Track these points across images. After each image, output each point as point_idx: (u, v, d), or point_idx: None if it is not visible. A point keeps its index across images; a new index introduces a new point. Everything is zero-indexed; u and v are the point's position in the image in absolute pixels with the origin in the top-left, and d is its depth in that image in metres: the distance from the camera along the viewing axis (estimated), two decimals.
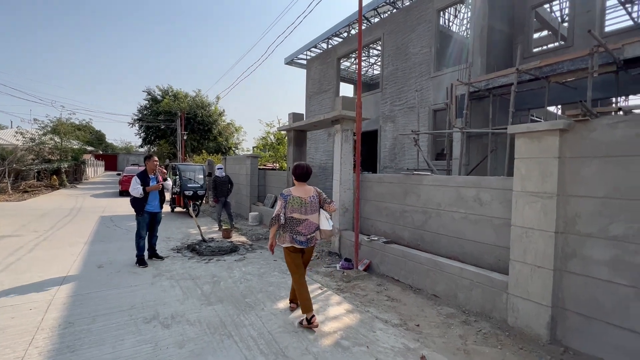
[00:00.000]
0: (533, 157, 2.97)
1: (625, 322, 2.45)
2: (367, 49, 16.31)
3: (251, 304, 3.56)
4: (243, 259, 5.43)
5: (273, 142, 23.13)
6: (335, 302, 3.65)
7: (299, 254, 3.17)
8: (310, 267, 5.12)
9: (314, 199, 3.20)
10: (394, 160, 11.20)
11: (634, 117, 2.46)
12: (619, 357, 2.47)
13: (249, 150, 33.47)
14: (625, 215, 2.46)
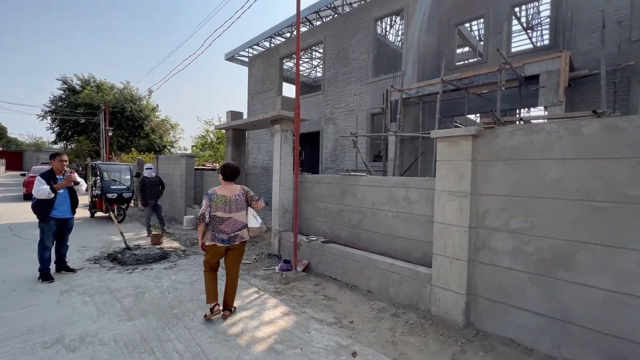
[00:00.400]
0: (451, 160, 3.27)
1: (523, 303, 2.83)
2: (309, 51, 16.48)
3: (179, 315, 3.30)
4: (174, 266, 5.03)
5: (213, 141, 22.03)
6: (272, 306, 3.58)
7: (220, 253, 3.21)
8: (249, 270, 4.97)
9: (239, 197, 3.25)
10: (335, 161, 11.48)
11: (528, 127, 2.86)
12: (520, 333, 2.84)
13: (187, 149, 31.42)
14: (522, 210, 2.85)
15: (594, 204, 2.48)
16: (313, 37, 12.90)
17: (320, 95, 12.44)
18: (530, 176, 2.81)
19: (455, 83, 7.12)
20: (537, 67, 6.03)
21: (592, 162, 2.49)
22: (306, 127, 12.83)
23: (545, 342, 2.70)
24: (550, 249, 2.69)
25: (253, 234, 3.31)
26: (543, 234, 2.73)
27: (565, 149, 2.62)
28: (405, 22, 9.59)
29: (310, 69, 18.89)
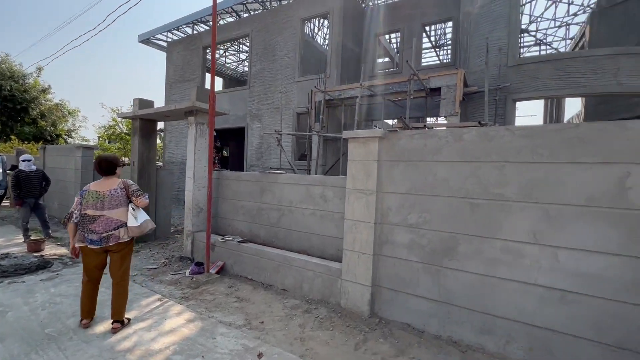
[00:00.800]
0: (360, 160, 3.45)
1: (417, 291, 3.14)
2: (236, 43, 15.82)
3: (54, 334, 2.77)
4: (55, 276, 4.24)
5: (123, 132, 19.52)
6: (175, 313, 3.28)
7: (96, 257, 2.88)
8: (154, 276, 4.49)
9: (116, 192, 2.91)
10: (261, 159, 11.25)
11: (424, 132, 3.18)
12: (414, 318, 3.14)
13: (91, 140, 27.18)
14: (418, 207, 3.16)
15: (472, 200, 2.87)
16: (239, 29, 12.40)
17: (247, 90, 12.04)
18: (425, 176, 3.13)
19: (373, 89, 7.62)
20: (439, 81, 6.84)
21: (470, 165, 2.89)
22: (231, 122, 12.29)
23: (434, 324, 3.04)
24: (439, 241, 3.04)
25: (132, 234, 2.93)
26: (434, 227, 3.06)
27: (451, 153, 2.99)
28: (330, 27, 9.90)
29: (237, 62, 18.14)
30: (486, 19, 7.40)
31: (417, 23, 10.02)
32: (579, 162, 2.44)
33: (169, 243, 6.30)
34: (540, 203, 2.58)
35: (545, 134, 2.58)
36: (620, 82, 6.01)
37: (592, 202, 2.40)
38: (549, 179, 2.55)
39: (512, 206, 2.69)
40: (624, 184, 2.29)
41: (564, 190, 2.49)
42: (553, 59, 6.71)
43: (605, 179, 2.35)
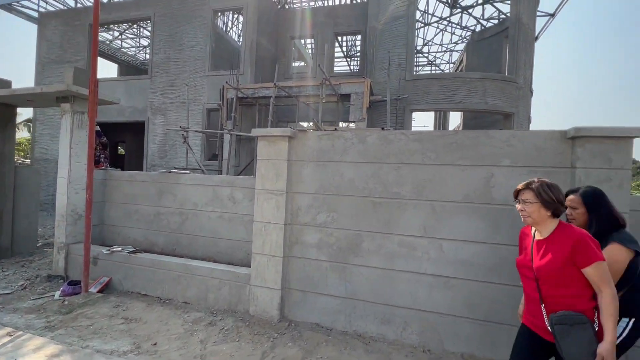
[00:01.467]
0: (270, 159, 3.34)
1: (326, 289, 3.18)
2: (137, 27, 13.95)
3: None
4: None
5: None
6: (32, 349, 2.58)
7: None
8: (5, 304, 3.50)
9: None
10: (165, 158, 10.10)
11: (332, 133, 3.26)
12: (323, 317, 3.17)
13: None
14: (326, 206, 3.21)
15: (374, 199, 3.05)
16: (139, 10, 10.93)
17: (147, 80, 10.67)
18: (332, 176, 3.20)
19: (287, 90, 7.61)
20: (349, 88, 7.25)
21: (373, 165, 3.07)
22: (127, 116, 10.72)
23: (341, 320, 3.12)
24: (345, 239, 3.14)
25: None
26: (341, 226, 3.15)
27: (356, 154, 3.13)
28: (245, 23, 9.55)
29: (137, 47, 15.99)
30: (388, 36, 8.20)
31: (330, 31, 10.48)
32: (458, 164, 2.83)
33: (34, 260, 5.06)
34: (429, 200, 2.89)
35: (432, 139, 2.92)
36: (487, 102, 7.40)
37: (467, 199, 2.80)
38: (435, 178, 2.88)
39: (408, 204, 2.95)
40: (489, 183, 2.74)
41: (447, 188, 2.85)
42: (440, 77, 7.84)
43: (476, 179, 2.78)
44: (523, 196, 1.69)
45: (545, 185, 1.64)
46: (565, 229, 1.60)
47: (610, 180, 2.43)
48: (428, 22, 11.84)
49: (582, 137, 2.48)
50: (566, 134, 2.57)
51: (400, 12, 7.97)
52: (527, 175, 2.64)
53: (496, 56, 10.50)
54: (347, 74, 11.66)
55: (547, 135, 2.62)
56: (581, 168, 2.49)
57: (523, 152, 2.67)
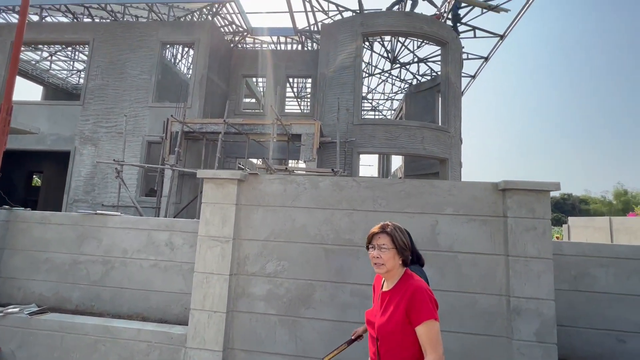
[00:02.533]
0: (217, 203, 3.11)
1: (273, 347, 2.90)
2: (71, 50, 12.93)
3: None
4: None
5: None
6: None
7: None
8: None
9: None
10: (91, 193, 8.97)
11: (284, 177, 3.19)
12: None
13: None
14: (276, 254, 3.03)
15: (326, 246, 2.98)
16: (76, 33, 10.19)
17: (79, 106, 9.69)
18: (284, 222, 3.07)
19: (237, 127, 7.50)
20: (300, 128, 7.40)
21: (325, 211, 3.03)
22: (49, 144, 9.49)
23: None
24: (296, 290, 2.96)
25: None
26: (292, 276, 2.98)
27: (309, 199, 3.07)
28: (195, 57, 9.44)
29: (69, 70, 14.67)
30: (337, 83, 8.75)
31: (283, 73, 10.86)
32: (406, 211, 2.93)
33: None
34: None
35: (383, 187, 3.01)
36: (425, 148, 8.13)
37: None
38: None
39: (360, 251, 2.93)
40: (435, 230, 2.87)
41: None
42: (384, 124, 8.49)
43: (423, 226, 2.89)
44: (379, 241, 1.50)
45: (399, 230, 1.51)
46: (407, 280, 1.43)
47: (535, 228, 2.70)
48: (372, 72, 13.01)
49: (510, 190, 2.76)
50: (497, 186, 2.84)
51: (347, 62, 8.64)
52: (467, 223, 2.83)
53: (430, 107, 11.81)
54: (298, 114, 12.01)
55: (482, 187, 2.88)
56: (511, 217, 2.74)
57: (463, 201, 2.87)
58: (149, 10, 10.55)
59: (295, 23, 9.81)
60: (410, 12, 8.91)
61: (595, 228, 11.51)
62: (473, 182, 2.95)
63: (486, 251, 2.79)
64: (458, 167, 9.00)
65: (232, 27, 10.67)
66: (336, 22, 9.49)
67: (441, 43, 9.14)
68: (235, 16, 10.03)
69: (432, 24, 8.90)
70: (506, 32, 9.67)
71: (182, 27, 9.79)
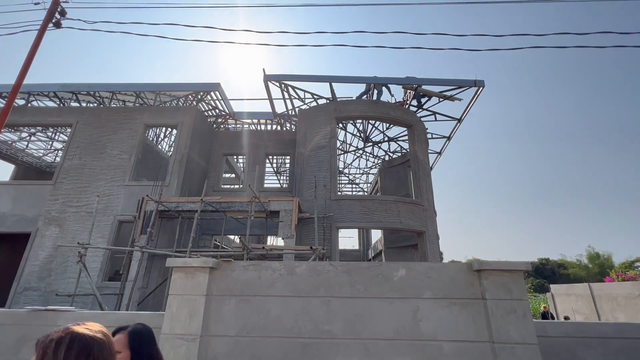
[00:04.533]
0: (185, 294, 2.90)
1: None
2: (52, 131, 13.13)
3: None
4: None
5: None
6: None
7: None
8: None
9: None
10: (46, 279, 8.14)
11: (258, 263, 3.08)
12: None
13: None
14: (249, 353, 2.74)
15: (303, 340, 2.74)
16: (60, 116, 10.51)
17: (49, 185, 9.42)
18: (258, 313, 2.86)
19: (215, 205, 7.45)
20: (278, 205, 7.45)
21: (302, 300, 2.87)
22: (7, 226, 8.89)
23: None
24: None
25: None
26: None
27: (284, 287, 2.93)
28: (177, 139, 9.82)
29: (46, 150, 14.65)
30: (314, 161, 9.22)
31: (262, 152, 11.37)
32: (386, 297, 2.83)
33: None
34: (362, 339, 2.71)
35: (360, 270, 2.95)
36: (401, 221, 8.30)
37: (398, 335, 2.71)
38: (366, 313, 2.79)
39: (340, 344, 2.71)
40: (417, 316, 2.75)
41: (378, 323, 2.75)
42: (360, 199, 8.76)
43: (404, 312, 2.77)
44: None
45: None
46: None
47: (515, 311, 2.66)
48: (347, 150, 13.90)
49: (485, 270, 2.79)
50: (472, 266, 2.87)
51: (323, 142, 9.26)
52: (447, 307, 2.76)
53: (403, 181, 12.45)
54: (277, 189, 12.21)
55: (457, 268, 2.89)
56: (490, 299, 2.71)
57: (441, 283, 2.84)
58: (136, 96, 11.23)
59: (274, 109, 10.70)
60: (377, 100, 10.04)
61: (577, 296, 11.49)
62: (448, 264, 2.97)
63: (470, 338, 2.67)
64: (435, 239, 9.12)
65: (215, 111, 11.45)
66: (312, 107, 10.45)
67: (407, 125, 10.14)
68: (219, 102, 10.85)
69: (397, 110, 10.00)
70: (462, 116, 10.95)
71: (167, 111, 10.38)
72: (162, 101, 11.36)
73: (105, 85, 10.34)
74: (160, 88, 10.23)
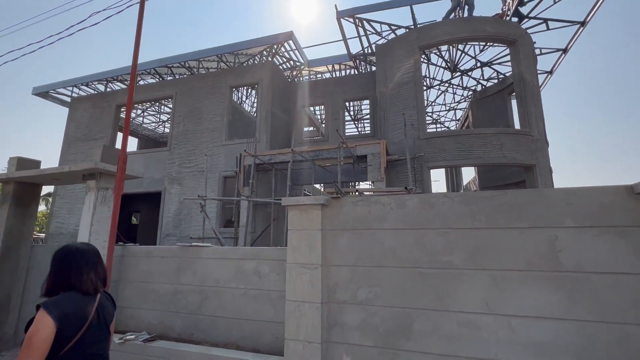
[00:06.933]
0: (302, 229, 3.12)
1: None
2: (157, 105, 15.09)
3: None
4: None
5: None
6: None
7: None
8: None
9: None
10: (179, 227, 9.95)
11: (367, 198, 3.08)
12: None
13: None
14: (367, 281, 2.87)
15: (422, 270, 2.73)
16: (162, 90, 11.92)
17: (166, 152, 11.10)
18: (371, 245, 2.93)
19: (304, 155, 7.73)
20: (365, 149, 7.33)
21: (415, 232, 2.81)
22: (145, 186, 10.91)
23: None
24: (393, 319, 2.73)
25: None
26: (386, 303, 2.78)
27: (396, 220, 2.90)
28: (260, 95, 10.23)
29: (156, 122, 17.09)
30: (397, 99, 8.59)
31: (340, 98, 11.11)
32: (513, 227, 2.56)
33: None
34: (487, 270, 2.56)
35: (481, 201, 2.70)
36: (505, 155, 7.35)
37: (531, 266, 2.46)
38: (490, 244, 2.59)
39: (463, 274, 2.62)
40: (555, 246, 2.43)
41: (506, 255, 2.54)
42: (454, 134, 7.97)
43: (538, 243, 2.48)
44: None
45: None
46: None
47: None
48: (430, 85, 12.57)
49: None
50: (633, 189, 2.34)
51: (406, 78, 8.47)
52: (598, 236, 2.35)
53: (501, 112, 10.82)
54: (357, 136, 12.03)
55: (612, 192, 2.39)
56: None
57: (587, 211, 2.41)
58: (218, 61, 11.88)
59: (349, 49, 10.09)
60: (469, 17, 8.50)
61: None
62: (597, 188, 2.47)
63: (630, 270, 2.26)
64: (548, 173, 7.90)
65: (290, 63, 11.41)
66: (390, 40, 9.50)
67: (509, 42, 8.45)
68: (293, 52, 10.72)
69: (496, 24, 8.33)
70: (587, 18, 8.57)
71: (247, 71, 10.78)
72: (240, 62, 11.79)
73: (192, 54, 11.15)
74: (236, 47, 10.54)
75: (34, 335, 1.35)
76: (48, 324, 1.36)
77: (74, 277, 1.53)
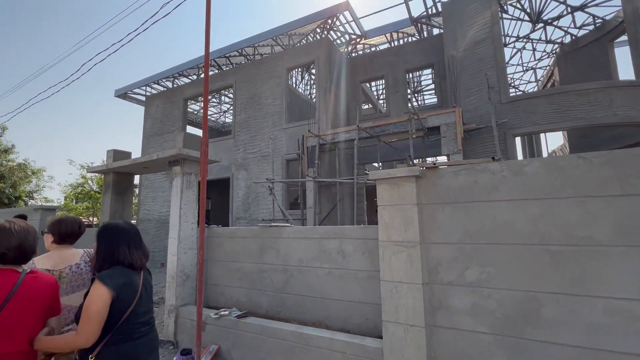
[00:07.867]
0: (395, 205, 2.84)
1: None
2: (218, 95, 15.80)
3: None
4: None
5: (93, 190, 18.18)
6: None
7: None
8: None
9: (79, 268, 2.08)
10: (248, 211, 10.41)
11: (471, 167, 2.67)
12: None
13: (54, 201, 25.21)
14: (477, 259, 2.51)
15: (550, 247, 2.28)
16: (223, 80, 12.35)
17: (231, 139, 11.59)
18: (480, 220, 2.54)
19: (369, 131, 7.35)
20: (437, 120, 6.67)
21: (539, 203, 2.35)
22: (214, 174, 11.59)
23: None
24: (512, 304, 2.36)
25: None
26: (502, 285, 2.40)
27: (511, 190, 2.46)
28: (317, 74, 9.97)
29: (218, 113, 18.01)
30: (472, 61, 7.63)
31: (401, 69, 10.34)
32: None
33: None
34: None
35: (631, 162, 2.12)
36: (616, 114, 6.08)
37: None
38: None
39: (609, 252, 2.11)
40: None
41: None
42: (547, 94, 6.83)
43: None
44: None
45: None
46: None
47: None
48: (506, 43, 11.01)
49: None
50: None
51: (481, 35, 7.43)
52: None
53: (600, 63, 9.04)
54: (420, 107, 11.15)
55: None
56: None
57: None
58: (273, 45, 11.85)
59: (410, 12, 9.21)
60: None
61: None
62: None
63: None
64: None
65: (346, 37, 10.89)
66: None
67: None
68: (349, 25, 10.18)
69: None
70: None
71: (302, 50, 10.56)
72: (294, 42, 11.61)
73: (247, 40, 11.27)
74: (291, 27, 10.33)
75: (91, 306, 1.46)
76: (103, 294, 1.48)
77: (123, 252, 1.65)
